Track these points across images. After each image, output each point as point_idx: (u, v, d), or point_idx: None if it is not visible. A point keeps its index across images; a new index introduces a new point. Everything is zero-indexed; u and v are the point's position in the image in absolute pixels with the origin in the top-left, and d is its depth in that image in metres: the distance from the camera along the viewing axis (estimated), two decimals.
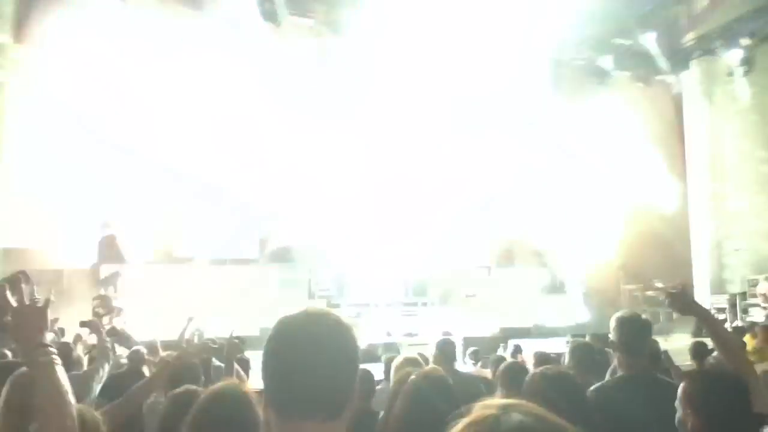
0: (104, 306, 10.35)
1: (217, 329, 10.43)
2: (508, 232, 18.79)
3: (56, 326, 9.08)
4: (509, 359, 6.85)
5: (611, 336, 3.28)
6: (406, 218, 18.28)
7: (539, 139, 18.86)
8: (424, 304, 14.30)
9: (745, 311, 13.79)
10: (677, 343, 9.46)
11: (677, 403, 2.32)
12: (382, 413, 3.54)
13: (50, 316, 1.87)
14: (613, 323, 3.27)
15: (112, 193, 14.49)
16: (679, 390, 2.34)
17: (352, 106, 17.57)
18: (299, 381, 1.37)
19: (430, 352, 6.91)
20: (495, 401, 1.02)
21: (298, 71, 16.28)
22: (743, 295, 14.13)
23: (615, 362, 3.62)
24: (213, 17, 13.91)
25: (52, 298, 1.90)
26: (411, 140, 18.68)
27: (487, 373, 6.81)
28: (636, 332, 3.21)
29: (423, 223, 16.98)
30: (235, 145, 16.39)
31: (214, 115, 15.96)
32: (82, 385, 4.03)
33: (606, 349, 4.86)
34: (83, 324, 5.24)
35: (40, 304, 1.84)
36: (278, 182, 16.49)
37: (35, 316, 1.81)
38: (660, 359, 5.25)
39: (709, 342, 5.53)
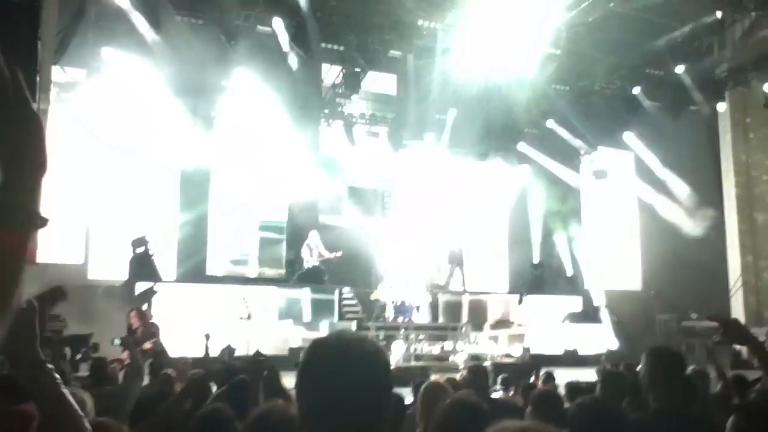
0: (140, 319, 10.45)
1: (244, 348, 10.57)
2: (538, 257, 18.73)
3: (91, 341, 9.22)
4: (540, 386, 6.76)
5: (640, 370, 3.21)
6: (436, 242, 18.31)
7: (574, 165, 18.82)
8: (454, 328, 14.20)
9: None
10: (713, 375, 9.21)
11: None
12: None
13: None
14: (643, 358, 3.19)
15: (143, 209, 14.79)
16: (730, 425, 2.29)
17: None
18: (334, 407, 1.36)
19: (459, 376, 6.84)
20: (511, 424, 1.00)
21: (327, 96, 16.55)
22: None
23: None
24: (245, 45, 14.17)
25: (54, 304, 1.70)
26: (439, 162, 18.80)
27: (518, 399, 6.71)
28: (668, 367, 3.11)
29: (454, 247, 16.97)
30: (265, 168, 16.63)
31: (246, 138, 16.24)
32: (117, 402, 4.07)
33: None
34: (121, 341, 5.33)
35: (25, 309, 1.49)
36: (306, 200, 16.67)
37: (23, 327, 1.48)
38: (695, 393, 5.12)
39: (748, 375, 5.40)
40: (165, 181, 15.38)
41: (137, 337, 9.67)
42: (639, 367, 3.22)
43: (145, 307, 11.69)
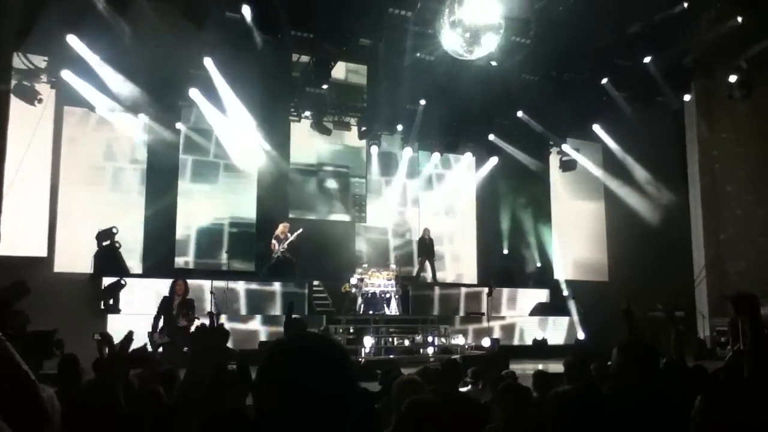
0: (185, 290, 10.73)
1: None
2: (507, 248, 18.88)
3: (56, 337, 9.02)
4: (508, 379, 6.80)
5: (612, 363, 3.21)
6: (406, 234, 18.34)
7: (543, 156, 18.95)
8: (425, 321, 14.23)
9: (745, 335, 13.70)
10: None
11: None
12: None
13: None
14: (615, 352, 3.19)
15: (108, 201, 14.57)
16: (697, 404, 2.34)
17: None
18: (295, 407, 1.36)
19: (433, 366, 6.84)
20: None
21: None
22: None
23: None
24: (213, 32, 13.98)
25: None
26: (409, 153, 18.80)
27: (486, 393, 6.74)
28: (641, 359, 3.12)
29: (424, 239, 17.02)
30: (234, 158, 16.50)
31: (214, 128, 16.08)
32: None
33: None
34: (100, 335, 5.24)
35: None
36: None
37: None
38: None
39: (710, 366, 5.47)
40: (130, 173, 15.15)
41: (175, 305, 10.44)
42: (610, 362, 3.23)
43: (111, 302, 11.57)
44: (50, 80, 13.76)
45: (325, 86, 16.00)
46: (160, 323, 10.45)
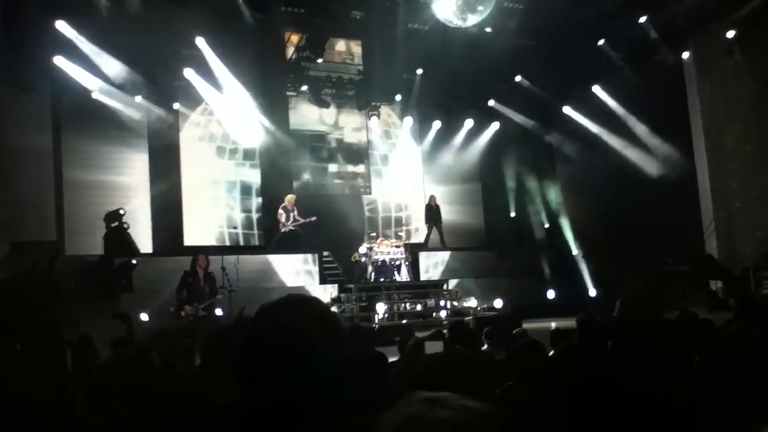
0: (206, 264, 10.89)
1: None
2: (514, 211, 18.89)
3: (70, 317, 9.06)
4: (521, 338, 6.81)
5: (615, 316, 3.19)
6: (413, 201, 18.35)
7: (544, 119, 18.81)
8: (435, 285, 14.30)
9: (759, 284, 13.75)
10: None
11: None
12: None
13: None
14: (618, 305, 3.17)
15: (114, 183, 14.57)
16: None
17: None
18: (284, 363, 1.37)
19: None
20: (418, 397, 0.96)
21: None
22: (756, 269, 14.05)
23: None
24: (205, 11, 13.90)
25: None
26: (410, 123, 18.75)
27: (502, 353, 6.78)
28: (642, 313, 3.10)
29: (431, 205, 17.04)
30: (235, 135, 16.48)
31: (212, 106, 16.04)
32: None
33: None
34: (115, 316, 5.32)
35: None
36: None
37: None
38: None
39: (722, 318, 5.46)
40: (133, 154, 15.09)
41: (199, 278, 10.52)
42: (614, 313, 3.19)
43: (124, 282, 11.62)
44: (44, 67, 13.62)
45: (320, 60, 15.94)
46: (184, 297, 10.51)
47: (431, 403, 0.94)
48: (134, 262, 12.30)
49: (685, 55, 16.42)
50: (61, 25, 13.10)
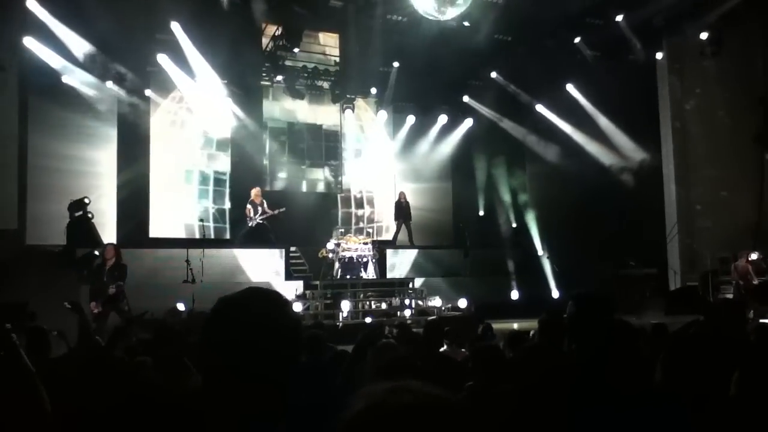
0: (116, 254, 10.01)
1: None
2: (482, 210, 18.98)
3: (28, 309, 8.93)
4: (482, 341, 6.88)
5: (567, 315, 3.07)
6: (382, 197, 18.34)
7: (517, 117, 18.87)
8: (402, 284, 14.32)
9: (716, 289, 13.96)
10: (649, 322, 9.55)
11: None
12: None
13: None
14: (569, 303, 3.05)
15: (80, 171, 14.34)
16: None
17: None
18: (240, 358, 1.39)
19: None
20: (381, 386, 0.98)
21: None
22: (714, 273, 14.26)
23: None
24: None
25: None
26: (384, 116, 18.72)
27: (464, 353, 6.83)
28: (592, 311, 2.95)
29: (400, 202, 17.06)
30: (206, 125, 16.33)
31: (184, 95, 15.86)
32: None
33: None
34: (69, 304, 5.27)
35: None
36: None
37: None
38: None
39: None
40: (101, 141, 14.86)
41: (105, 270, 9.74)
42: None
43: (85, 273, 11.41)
44: (12, 49, 13.35)
45: (296, 50, 15.82)
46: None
47: (395, 389, 0.95)
48: (96, 253, 12.10)
49: (659, 55, 16.55)
50: (32, 4, 12.82)
